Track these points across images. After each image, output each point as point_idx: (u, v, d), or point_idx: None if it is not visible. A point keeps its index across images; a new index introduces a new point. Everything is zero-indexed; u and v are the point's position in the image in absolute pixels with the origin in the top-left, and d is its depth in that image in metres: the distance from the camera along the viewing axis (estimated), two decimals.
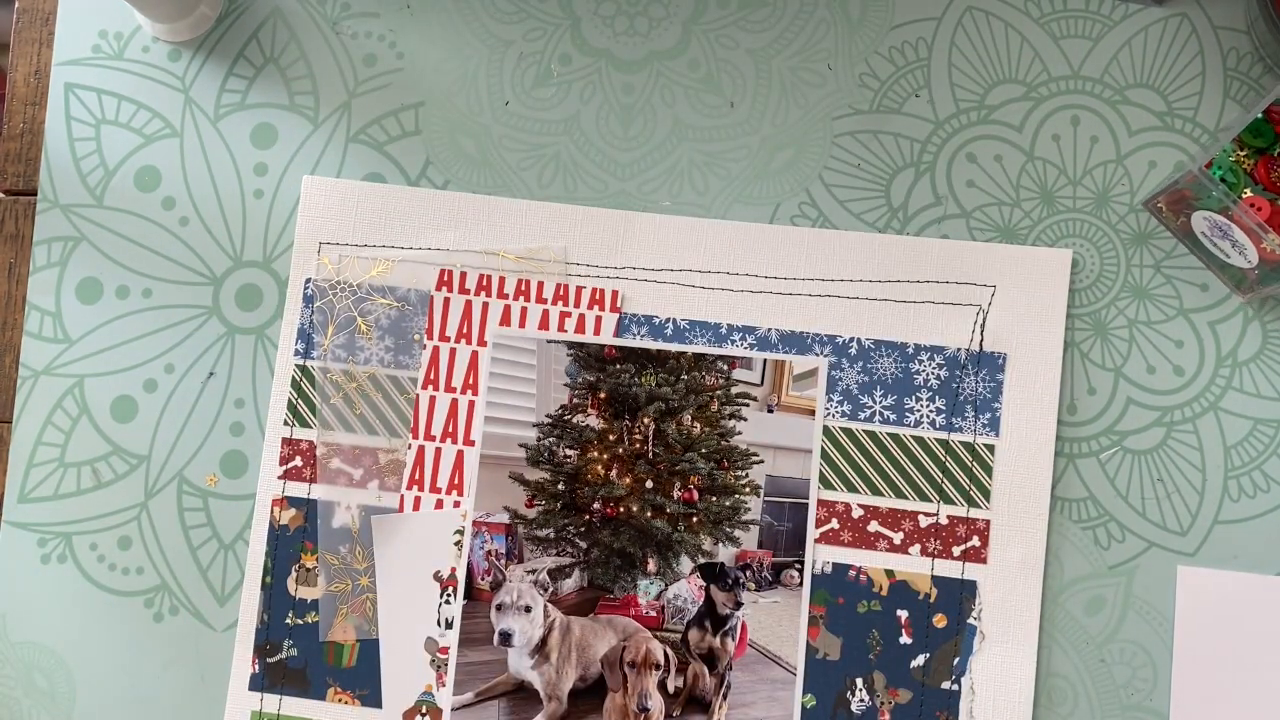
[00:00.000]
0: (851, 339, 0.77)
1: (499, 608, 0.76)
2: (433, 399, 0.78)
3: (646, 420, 0.78)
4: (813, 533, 0.76)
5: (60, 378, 0.80)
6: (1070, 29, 0.80)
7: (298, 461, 0.78)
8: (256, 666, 0.77)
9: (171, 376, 0.80)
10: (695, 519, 0.77)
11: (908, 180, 0.80)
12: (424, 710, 0.76)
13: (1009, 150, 0.80)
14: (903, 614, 0.75)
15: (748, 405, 0.77)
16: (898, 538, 0.76)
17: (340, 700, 0.77)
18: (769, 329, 0.78)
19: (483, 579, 0.77)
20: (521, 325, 0.79)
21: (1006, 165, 0.80)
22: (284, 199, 0.81)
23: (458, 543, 0.78)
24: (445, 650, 0.76)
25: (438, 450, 0.78)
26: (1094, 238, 0.79)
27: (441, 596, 0.77)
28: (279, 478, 0.78)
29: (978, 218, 0.79)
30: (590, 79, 0.81)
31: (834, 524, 0.76)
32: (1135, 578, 0.76)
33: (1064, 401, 0.77)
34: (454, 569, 0.77)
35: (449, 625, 0.77)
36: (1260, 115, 0.72)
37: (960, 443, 0.77)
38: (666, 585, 0.77)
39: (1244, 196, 0.72)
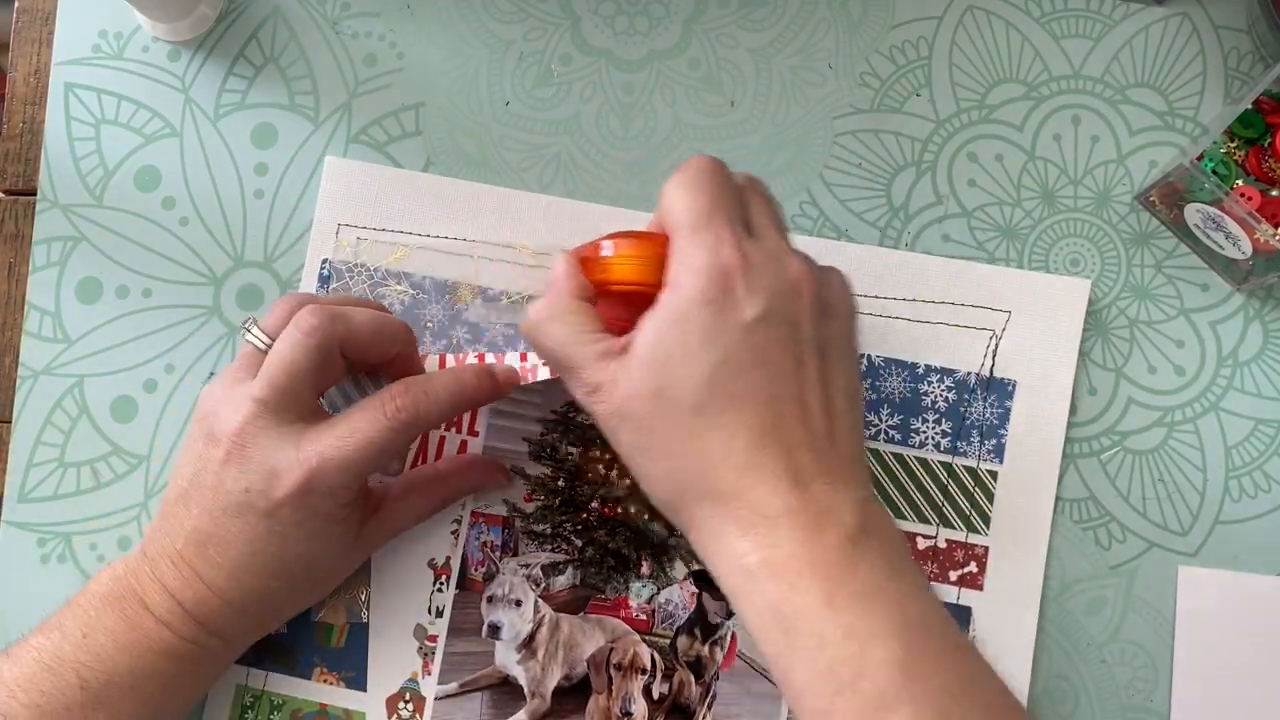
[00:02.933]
0: (861, 355, 0.77)
1: (490, 600, 0.76)
2: None
3: None
4: None
5: (60, 378, 0.80)
6: (1071, 29, 0.80)
7: None
8: None
9: (172, 377, 0.79)
10: None
11: (909, 179, 0.79)
12: (407, 697, 0.76)
13: (1010, 150, 0.80)
14: None
15: None
16: None
17: (326, 680, 0.76)
18: None
19: (476, 570, 0.77)
20: None
21: (1007, 165, 0.79)
22: (284, 199, 0.81)
23: (454, 532, 0.77)
24: (434, 638, 0.76)
25: (441, 438, 0.78)
26: (1095, 237, 0.78)
27: (435, 584, 0.77)
28: None
29: (979, 217, 0.79)
30: (590, 79, 0.81)
31: None
32: (1136, 578, 0.76)
33: None
34: (449, 558, 0.77)
35: (440, 614, 0.76)
36: (1250, 106, 0.72)
37: (964, 467, 0.76)
38: (659, 589, 0.77)
39: (1235, 187, 0.72)
